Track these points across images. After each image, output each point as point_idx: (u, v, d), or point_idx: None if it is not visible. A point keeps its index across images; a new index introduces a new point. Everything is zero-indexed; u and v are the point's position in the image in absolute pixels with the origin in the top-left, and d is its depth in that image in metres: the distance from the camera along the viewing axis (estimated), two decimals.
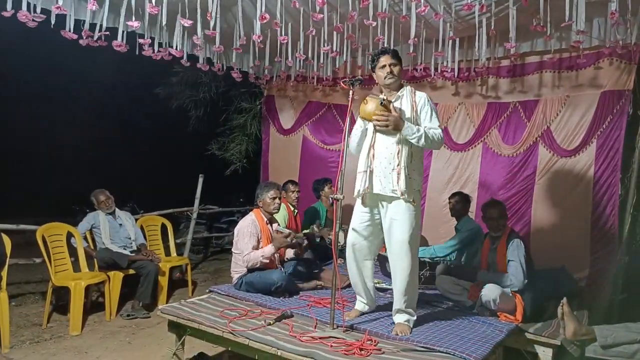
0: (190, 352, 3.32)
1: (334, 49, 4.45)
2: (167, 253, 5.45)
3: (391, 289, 2.98)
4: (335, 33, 4.22)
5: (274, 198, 3.74)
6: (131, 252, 4.72)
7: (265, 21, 3.64)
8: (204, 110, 8.29)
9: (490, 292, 3.08)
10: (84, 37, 3.71)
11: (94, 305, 4.68)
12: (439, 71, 4.82)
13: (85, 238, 4.66)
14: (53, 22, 3.41)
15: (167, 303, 4.62)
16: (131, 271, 4.58)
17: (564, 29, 3.94)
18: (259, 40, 4.03)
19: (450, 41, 4.35)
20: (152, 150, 11.32)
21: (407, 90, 2.88)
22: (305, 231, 4.66)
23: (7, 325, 3.61)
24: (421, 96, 2.86)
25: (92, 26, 3.73)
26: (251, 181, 7.45)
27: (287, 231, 3.60)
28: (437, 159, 5.16)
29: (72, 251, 4.53)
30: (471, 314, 3.22)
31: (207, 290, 3.66)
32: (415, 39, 3.88)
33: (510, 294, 3.11)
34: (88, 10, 3.53)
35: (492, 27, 3.78)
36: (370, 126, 2.81)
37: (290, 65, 5.17)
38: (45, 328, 4.13)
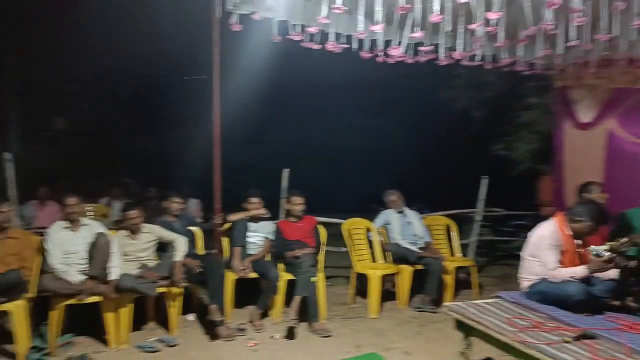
0: (479, 354, 3.32)
1: None
2: (452, 253, 5.57)
3: None
4: None
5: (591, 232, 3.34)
6: (418, 248, 5.05)
7: (556, 6, 3.31)
8: (488, 110, 8.09)
9: None
10: (376, 55, 4.18)
11: (388, 293, 5.21)
12: None
13: (379, 233, 5.24)
14: (356, 46, 4.02)
15: (452, 302, 4.74)
16: (419, 266, 4.90)
17: None
18: (549, 28, 3.69)
19: None
20: (437, 153, 11.76)
21: None
22: (610, 243, 3.95)
23: (324, 301, 4.42)
24: None
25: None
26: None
27: (607, 255, 3.14)
28: None
29: (370, 244, 5.18)
30: None
31: (494, 295, 3.58)
32: None
33: None
34: (379, 29, 3.98)
35: None
36: None
37: (589, 50, 4.52)
38: (350, 307, 4.87)
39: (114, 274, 3.72)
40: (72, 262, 3.75)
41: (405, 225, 5.20)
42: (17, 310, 3.40)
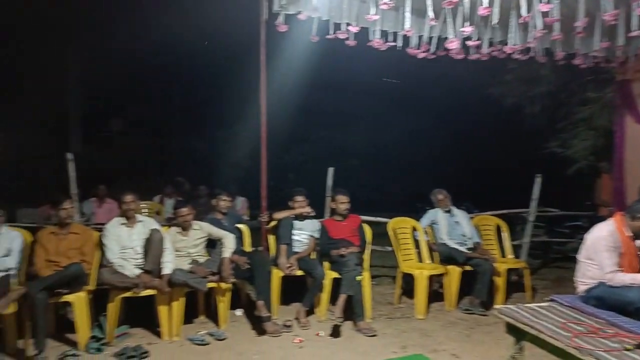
0: (530, 359, 3.20)
1: None
2: (503, 254, 5.39)
3: None
4: None
5: None
6: (467, 249, 4.92)
7: None
8: (541, 106, 7.77)
9: None
10: (423, 51, 4.12)
11: (435, 294, 5.12)
12: None
13: (426, 233, 5.15)
14: (400, 43, 3.98)
15: (503, 304, 4.60)
16: (467, 267, 4.78)
17: None
18: (609, 19, 3.49)
19: None
20: (486, 150, 11.43)
21: None
22: None
23: (369, 300, 4.40)
24: None
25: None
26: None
27: None
28: None
29: (416, 243, 5.10)
30: None
31: (548, 299, 3.44)
32: None
33: None
34: (427, 25, 3.91)
35: None
36: None
37: None
38: (396, 307, 4.82)
39: (167, 268, 3.87)
40: (128, 257, 3.93)
41: (452, 225, 5.09)
42: (78, 301, 3.61)
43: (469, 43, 4.04)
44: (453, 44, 3.79)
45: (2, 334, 3.54)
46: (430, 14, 3.54)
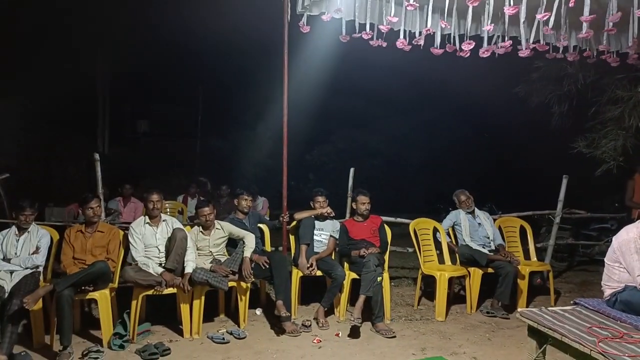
0: None
1: None
2: (526, 257, 5.28)
3: None
4: None
5: None
6: (489, 251, 4.84)
7: None
8: (569, 105, 7.57)
9: None
10: (450, 50, 4.06)
11: (456, 296, 5.05)
12: None
13: (448, 234, 5.09)
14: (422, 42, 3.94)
15: (526, 307, 4.50)
16: (490, 270, 4.70)
17: None
18: None
19: None
20: (510, 150, 11.22)
21: None
22: None
23: (389, 301, 4.37)
24: None
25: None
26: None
27: None
28: None
29: (437, 244, 5.05)
30: None
31: (572, 302, 3.35)
32: None
33: None
34: (453, 24, 3.85)
35: None
36: None
37: None
38: (416, 309, 4.78)
39: (189, 267, 3.92)
40: (151, 256, 4.01)
41: (475, 226, 5.01)
42: (103, 298, 3.70)
43: (501, 44, 3.96)
44: (469, 46, 3.75)
45: (29, 329, 3.66)
46: (447, 15, 3.52)
